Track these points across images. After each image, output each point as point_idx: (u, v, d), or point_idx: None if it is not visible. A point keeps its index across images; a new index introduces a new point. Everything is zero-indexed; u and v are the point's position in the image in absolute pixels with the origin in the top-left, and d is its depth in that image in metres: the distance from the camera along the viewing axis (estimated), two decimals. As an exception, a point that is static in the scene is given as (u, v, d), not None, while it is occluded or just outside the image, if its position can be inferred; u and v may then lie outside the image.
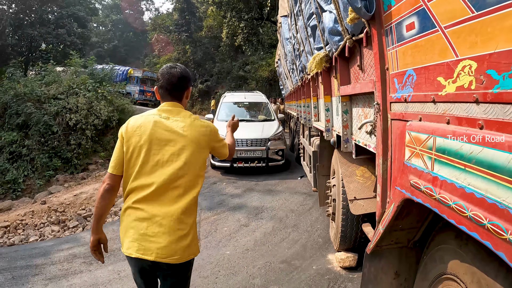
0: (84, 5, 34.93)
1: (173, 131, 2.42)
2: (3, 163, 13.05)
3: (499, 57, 1.26)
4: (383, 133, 2.33)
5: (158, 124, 2.43)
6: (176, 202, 2.36)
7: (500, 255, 1.24)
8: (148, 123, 2.43)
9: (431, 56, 1.70)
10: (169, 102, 2.55)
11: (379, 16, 2.29)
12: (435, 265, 2.19)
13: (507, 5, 1.21)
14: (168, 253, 2.30)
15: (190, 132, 2.44)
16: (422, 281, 2.37)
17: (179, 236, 2.34)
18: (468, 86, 1.43)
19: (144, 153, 2.37)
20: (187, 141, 2.41)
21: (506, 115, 1.25)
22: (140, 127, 2.43)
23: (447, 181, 1.53)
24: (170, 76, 2.54)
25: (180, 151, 2.39)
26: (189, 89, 2.67)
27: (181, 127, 2.44)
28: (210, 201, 8.43)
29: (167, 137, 2.40)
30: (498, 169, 1.24)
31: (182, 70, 2.58)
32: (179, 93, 2.58)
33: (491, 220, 1.27)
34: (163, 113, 2.50)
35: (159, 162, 2.37)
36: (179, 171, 2.36)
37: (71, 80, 16.57)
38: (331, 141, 4.63)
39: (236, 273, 4.89)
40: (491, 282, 1.58)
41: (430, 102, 1.73)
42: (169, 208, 2.34)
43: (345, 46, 3.25)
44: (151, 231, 2.30)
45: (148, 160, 2.38)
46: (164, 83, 2.55)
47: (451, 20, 1.52)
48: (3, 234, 7.21)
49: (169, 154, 2.38)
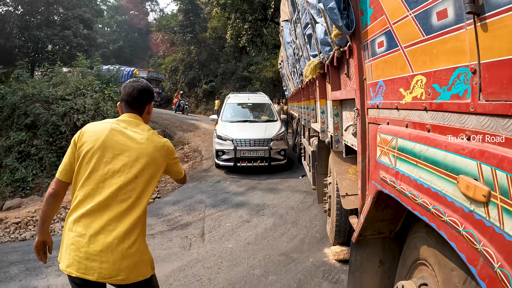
0: (89, 7, 35.27)
1: (129, 141, 2.33)
2: (12, 162, 13.35)
3: (440, 73, 1.58)
4: (362, 134, 2.65)
5: (114, 132, 2.34)
6: (122, 217, 2.21)
7: (441, 234, 1.54)
8: (104, 130, 2.34)
9: (395, 70, 2.02)
10: (128, 114, 2.50)
11: (359, 33, 2.62)
12: (411, 252, 2.42)
13: (447, 31, 1.52)
14: (111, 273, 2.15)
15: (147, 145, 2.35)
16: (402, 267, 2.60)
17: (123, 255, 2.17)
18: (420, 97, 1.75)
19: (95, 160, 2.27)
20: (142, 153, 2.31)
21: (445, 120, 1.56)
22: (94, 133, 2.34)
23: (405, 175, 1.85)
24: (131, 89, 2.50)
25: (133, 162, 2.28)
26: (150, 104, 2.61)
27: (138, 138, 2.35)
28: (214, 199, 8.73)
29: (121, 146, 2.30)
30: (438, 164, 1.55)
31: (143, 84, 2.55)
32: (139, 106, 2.53)
33: (434, 206, 1.58)
34: (121, 123, 2.43)
35: (109, 172, 2.26)
36: (129, 184, 2.25)
37: (78, 82, 16.87)
38: (326, 141, 4.92)
39: (238, 264, 5.21)
40: (447, 262, 1.82)
41: (395, 109, 2.05)
42: (115, 224, 2.19)
43: (334, 56, 3.57)
44: (93, 249, 2.13)
45: (98, 168, 2.27)
46: (125, 96, 2.50)
47: (409, 41, 1.84)
48: (15, 229, 7.54)
49: (121, 164, 2.27)
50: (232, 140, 11.21)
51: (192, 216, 7.50)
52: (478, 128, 1.33)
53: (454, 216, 1.42)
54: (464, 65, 1.39)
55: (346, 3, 2.67)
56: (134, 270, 2.22)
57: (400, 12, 1.89)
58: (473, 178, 1.31)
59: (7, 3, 25.54)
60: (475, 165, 1.29)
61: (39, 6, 26.03)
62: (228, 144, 11.21)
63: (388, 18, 2.06)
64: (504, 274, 1.15)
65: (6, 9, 25.57)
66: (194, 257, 5.52)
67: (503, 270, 1.16)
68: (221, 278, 4.85)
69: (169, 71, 39.04)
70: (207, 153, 14.41)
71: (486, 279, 1.24)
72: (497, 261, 1.18)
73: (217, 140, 11.54)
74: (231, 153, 11.13)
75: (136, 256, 2.23)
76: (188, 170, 12.39)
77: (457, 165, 1.41)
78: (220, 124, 12.35)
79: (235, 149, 11.06)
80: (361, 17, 2.56)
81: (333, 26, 2.96)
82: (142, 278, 2.29)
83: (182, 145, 16.59)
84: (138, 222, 2.28)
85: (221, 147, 11.28)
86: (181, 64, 37.13)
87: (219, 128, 12.00)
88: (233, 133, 11.50)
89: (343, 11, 2.65)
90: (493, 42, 1.23)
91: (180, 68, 37.35)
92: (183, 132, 20.23)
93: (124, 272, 2.17)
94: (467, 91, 1.38)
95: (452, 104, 1.49)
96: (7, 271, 5.22)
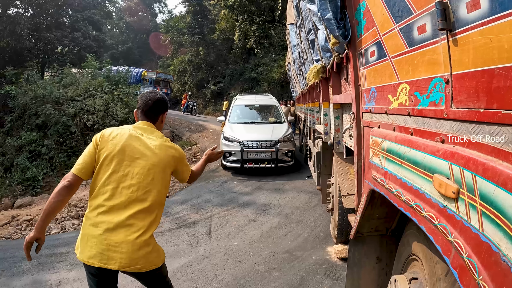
0: (98, 9, 35.59)
1: (146, 147, 2.57)
2: (23, 161, 13.66)
3: (421, 82, 1.74)
4: (357, 137, 2.82)
5: (133, 138, 2.58)
6: (141, 214, 2.46)
7: (422, 228, 1.70)
8: (124, 135, 2.57)
9: (384, 78, 2.19)
10: (144, 121, 2.75)
11: (354, 42, 2.79)
12: (405, 248, 2.55)
13: (426, 45, 1.68)
14: (131, 262, 2.39)
15: (160, 151, 2.60)
16: (397, 263, 2.73)
17: (141, 247, 2.42)
18: (404, 103, 1.91)
19: (115, 162, 2.49)
20: (158, 159, 2.57)
21: (424, 125, 1.73)
22: (115, 137, 2.56)
23: (392, 174, 2.01)
24: (148, 99, 2.75)
25: (151, 166, 2.53)
26: (164, 114, 2.85)
27: (153, 145, 2.60)
28: (221, 198, 8.92)
29: (140, 151, 2.54)
30: (418, 164, 1.71)
31: (159, 96, 2.79)
32: (154, 115, 2.77)
33: (415, 202, 1.74)
34: (137, 129, 2.67)
35: (129, 174, 2.48)
36: (148, 185, 2.50)
37: (88, 83, 17.20)
38: (329, 142, 5.06)
39: (243, 261, 5.38)
40: (432, 255, 1.97)
41: (384, 114, 2.21)
42: (133, 220, 2.43)
43: (334, 62, 3.73)
44: (115, 241, 2.37)
45: (119, 169, 2.48)
46: (141, 105, 2.76)
47: (395, 52, 2.00)
48: (26, 226, 7.77)
49: (140, 167, 2.50)
50: (239, 142, 11.22)
51: (199, 215, 7.68)
52: (450, 132, 1.49)
53: (431, 211, 1.58)
54: (440, 75, 1.55)
55: (343, 14, 2.84)
56: (149, 260, 2.49)
57: (388, 24, 2.05)
58: (445, 177, 1.46)
59: (17, 5, 25.82)
60: (447, 165, 1.45)
61: (49, 8, 26.23)
62: (235, 145, 11.22)
63: (378, 30, 2.22)
64: (471, 263, 1.30)
65: (16, 11, 25.87)
66: (201, 253, 5.70)
67: (470, 259, 1.30)
68: (227, 273, 5.02)
69: (178, 72, 39.22)
70: (215, 154, 14.55)
71: (458, 268, 1.39)
72: (465, 251, 1.33)
73: (224, 141, 11.54)
74: (238, 154, 11.13)
75: (150, 248, 2.50)
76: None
77: (433, 165, 1.57)
78: (228, 125, 12.40)
79: (242, 151, 11.06)
80: (356, 27, 2.73)
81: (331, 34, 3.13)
82: (155, 267, 2.57)
83: (191, 146, 16.74)
84: (155, 220, 2.57)
85: (228, 148, 11.25)
86: (189, 65, 37.28)
87: (226, 129, 12.03)
88: (240, 134, 11.52)
89: (340, 21, 2.82)
90: (462, 55, 1.39)
91: (188, 69, 37.51)
92: (191, 133, 20.39)
93: (141, 261, 2.44)
94: (442, 99, 1.54)
95: (430, 111, 1.65)
96: (20, 266, 5.42)
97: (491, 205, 1.19)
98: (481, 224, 1.25)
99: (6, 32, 23.26)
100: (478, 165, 1.26)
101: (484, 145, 1.27)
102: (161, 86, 35.71)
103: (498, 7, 1.15)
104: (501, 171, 1.15)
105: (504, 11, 1.12)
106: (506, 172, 1.12)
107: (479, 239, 1.26)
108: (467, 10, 1.32)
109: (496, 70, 1.18)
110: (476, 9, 1.26)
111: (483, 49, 1.25)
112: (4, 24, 23.08)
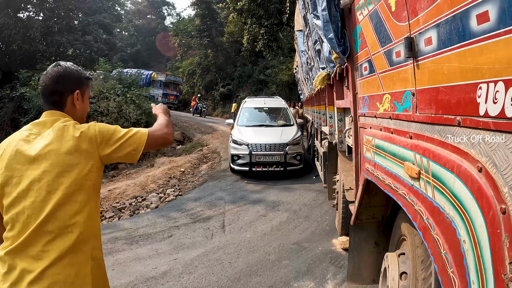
0: (109, 12, 36.20)
1: (36, 151, 1.80)
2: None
3: (397, 94, 2.29)
4: (355, 136, 3.38)
5: (22, 143, 1.84)
6: (48, 251, 1.72)
7: (399, 204, 2.23)
8: (14, 142, 1.85)
9: (374, 89, 2.74)
10: (47, 112, 1.96)
11: (352, 57, 3.36)
12: (396, 231, 2.97)
13: (400, 66, 2.22)
14: None
15: (59, 145, 1.80)
16: (392, 245, 3.13)
17: None
18: (387, 109, 2.46)
19: (5, 183, 1.79)
20: (53, 160, 1.78)
21: (400, 126, 2.27)
22: (5, 150, 1.86)
23: (379, 164, 2.56)
24: (45, 77, 1.96)
25: (42, 175, 1.76)
26: (74, 92, 1.99)
27: (46, 144, 1.80)
28: (233, 196, 9.47)
29: (28, 159, 1.79)
30: (395, 155, 2.26)
31: (61, 69, 1.97)
32: (56, 98, 1.96)
33: (394, 184, 2.27)
34: (34, 128, 1.91)
35: (20, 194, 1.76)
36: (47, 205, 1.74)
37: (101, 85, 17.70)
38: (334, 142, 5.57)
39: (255, 251, 5.93)
40: (413, 229, 2.42)
41: (374, 117, 2.77)
42: (41, 262, 1.70)
43: (337, 72, 4.29)
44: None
45: (11, 192, 1.78)
46: (40, 87, 1.99)
47: (381, 69, 2.55)
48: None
49: (29, 181, 1.76)
50: (247, 145, 11.13)
51: (213, 211, 8.23)
52: (415, 131, 2.03)
53: (404, 189, 2.11)
54: (409, 89, 2.09)
55: (343, 33, 3.40)
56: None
57: (376, 47, 2.61)
58: (411, 163, 2.00)
59: (28, 9, 26.31)
60: (412, 154, 1.99)
61: (60, 12, 26.63)
62: (243, 148, 11.14)
63: (370, 50, 2.78)
64: (429, 223, 1.81)
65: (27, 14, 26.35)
66: (216, 245, 6.25)
67: (428, 220, 1.83)
68: (240, 262, 5.56)
69: (187, 74, 39.65)
70: (225, 155, 14.85)
71: (422, 229, 1.90)
72: (425, 215, 1.86)
73: (232, 144, 11.50)
74: (246, 157, 11.01)
75: None
76: (207, 170, 12.96)
77: (404, 155, 2.10)
78: (236, 128, 12.35)
79: (251, 154, 10.95)
80: (353, 45, 3.30)
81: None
82: None
83: (201, 147, 17.19)
84: (76, 254, 1.81)
85: (237, 151, 11.23)
86: (198, 68, 37.65)
87: (235, 132, 11.99)
88: (248, 137, 11.42)
89: (340, 39, 3.38)
90: (422, 76, 1.92)
91: (197, 71, 37.87)
92: (201, 134, 20.89)
93: None
94: (411, 107, 2.08)
95: (403, 115, 2.19)
96: None
97: (438, 180, 1.71)
98: (434, 194, 1.76)
99: (20, 35, 23.69)
100: (430, 153, 1.79)
101: (435, 139, 1.79)
102: (171, 88, 36.41)
103: (442, 45, 1.68)
104: (443, 156, 1.68)
105: (446, 47, 1.65)
106: (445, 157, 1.65)
107: (433, 205, 1.77)
108: (424, 44, 1.85)
109: (440, 88, 1.71)
110: (430, 45, 1.79)
111: (434, 73, 1.79)
112: (17, 28, 23.54)
